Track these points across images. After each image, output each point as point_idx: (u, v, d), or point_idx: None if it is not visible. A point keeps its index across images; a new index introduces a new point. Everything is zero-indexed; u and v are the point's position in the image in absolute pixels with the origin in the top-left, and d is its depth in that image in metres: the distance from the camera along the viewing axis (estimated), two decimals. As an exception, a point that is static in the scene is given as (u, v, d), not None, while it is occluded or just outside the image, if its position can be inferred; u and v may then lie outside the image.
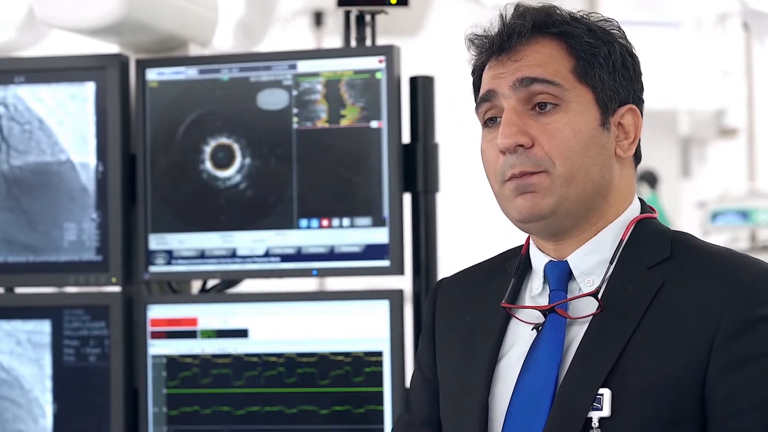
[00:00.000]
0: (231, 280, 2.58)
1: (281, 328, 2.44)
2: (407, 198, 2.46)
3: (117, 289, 2.52)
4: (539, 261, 1.72)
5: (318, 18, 6.30)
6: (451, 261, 2.46)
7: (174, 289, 2.60)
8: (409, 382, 1.89)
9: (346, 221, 2.44)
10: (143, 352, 2.49)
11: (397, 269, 2.41)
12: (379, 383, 2.38)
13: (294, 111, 2.46)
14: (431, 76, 2.51)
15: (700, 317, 1.57)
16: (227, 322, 2.47)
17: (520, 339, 1.69)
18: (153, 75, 2.53)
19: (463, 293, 1.81)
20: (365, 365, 2.39)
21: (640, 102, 1.72)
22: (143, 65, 2.53)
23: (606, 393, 1.57)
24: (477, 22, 1.71)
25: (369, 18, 2.52)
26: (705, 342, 1.56)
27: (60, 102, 2.54)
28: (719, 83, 10.76)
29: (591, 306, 1.64)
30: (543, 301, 1.70)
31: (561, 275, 1.69)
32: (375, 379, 2.39)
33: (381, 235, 2.42)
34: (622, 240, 1.67)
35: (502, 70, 1.68)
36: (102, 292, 2.58)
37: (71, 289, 2.68)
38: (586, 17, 1.70)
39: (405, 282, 2.47)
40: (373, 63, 2.43)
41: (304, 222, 2.46)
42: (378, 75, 2.43)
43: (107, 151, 2.51)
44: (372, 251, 2.42)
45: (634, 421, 1.55)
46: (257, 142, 2.47)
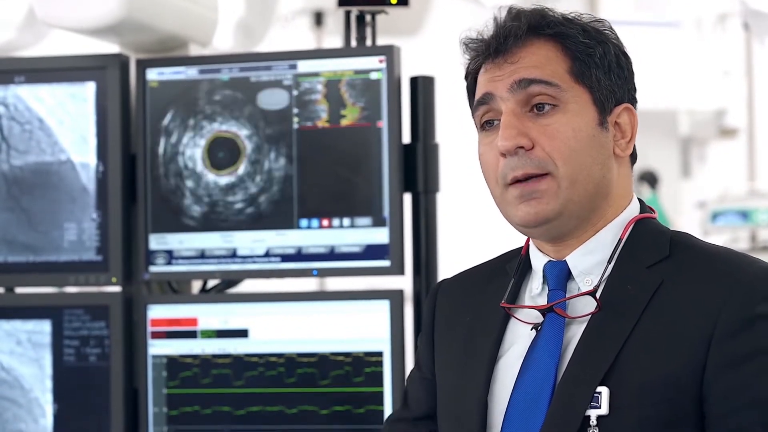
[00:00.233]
0: (231, 280, 2.58)
1: (281, 328, 2.44)
2: (407, 198, 2.46)
3: (117, 289, 2.52)
4: (539, 261, 1.72)
5: (318, 18, 6.30)
6: (451, 261, 2.47)
7: (174, 289, 2.60)
8: (407, 378, 1.89)
9: (346, 221, 2.44)
10: (143, 352, 2.49)
11: (398, 269, 2.41)
12: (380, 383, 2.38)
13: (294, 111, 2.46)
14: (431, 76, 2.51)
15: (698, 316, 1.57)
16: (227, 322, 2.47)
17: (519, 339, 1.69)
18: (153, 75, 2.53)
19: (464, 294, 1.81)
20: (365, 365, 2.39)
21: (634, 101, 1.73)
22: (143, 65, 2.53)
23: (604, 391, 1.57)
24: (472, 25, 1.71)
25: (369, 18, 2.52)
26: (703, 340, 1.56)
27: (60, 102, 2.54)
28: (719, 83, 10.76)
29: (590, 305, 1.64)
30: (542, 302, 1.70)
31: (560, 275, 1.69)
32: (375, 379, 2.39)
33: (381, 235, 2.42)
34: (620, 240, 1.68)
35: (498, 72, 1.67)
36: (102, 292, 2.57)
37: (71, 289, 2.68)
38: (578, 18, 1.70)
39: (405, 282, 2.47)
40: (374, 63, 2.43)
41: (304, 222, 2.46)
42: (378, 75, 2.43)
43: (107, 151, 2.51)
44: (372, 251, 2.42)
45: (632, 419, 1.55)
46: (257, 142, 2.47)
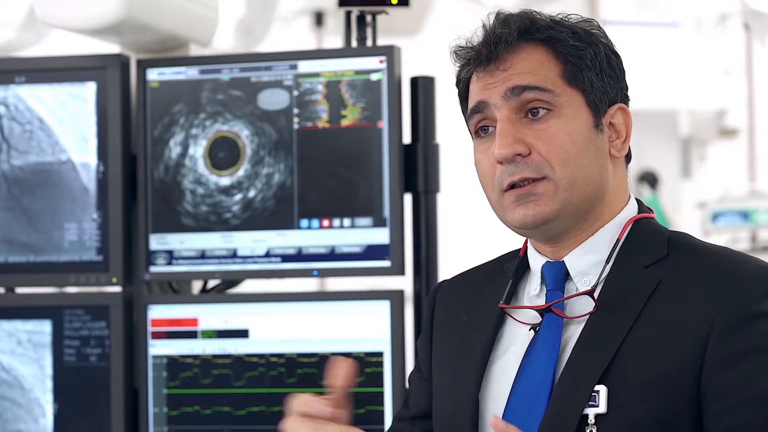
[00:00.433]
0: (232, 280, 2.58)
1: (282, 328, 2.44)
2: (408, 198, 2.46)
3: (117, 289, 2.52)
4: (537, 262, 1.73)
5: (319, 18, 6.30)
6: (452, 261, 2.47)
7: (175, 290, 2.60)
8: (408, 378, 1.90)
9: (346, 221, 2.44)
10: (144, 352, 2.49)
11: (398, 269, 2.41)
12: (380, 384, 2.38)
13: (295, 111, 2.46)
14: (432, 76, 2.51)
15: (696, 314, 1.58)
16: (228, 322, 2.47)
17: (517, 339, 1.70)
18: (154, 75, 2.53)
19: (462, 295, 1.82)
20: (366, 366, 2.39)
21: (627, 100, 1.73)
22: (144, 65, 2.53)
23: (602, 389, 1.57)
24: (472, 26, 1.71)
25: (370, 18, 2.52)
26: (701, 339, 1.56)
27: (60, 102, 2.54)
28: (719, 83, 10.75)
29: (588, 305, 1.64)
30: (540, 302, 1.70)
31: (558, 275, 1.69)
32: (375, 380, 2.39)
33: (381, 236, 2.42)
34: (618, 240, 1.68)
35: (491, 80, 1.67)
36: (102, 292, 2.57)
37: (72, 289, 2.68)
38: (566, 19, 1.70)
39: (405, 282, 2.47)
40: (374, 63, 2.43)
41: (304, 222, 2.46)
42: (379, 75, 2.43)
43: (108, 151, 2.51)
44: (372, 251, 2.42)
45: (630, 418, 1.56)
46: (258, 142, 2.47)
